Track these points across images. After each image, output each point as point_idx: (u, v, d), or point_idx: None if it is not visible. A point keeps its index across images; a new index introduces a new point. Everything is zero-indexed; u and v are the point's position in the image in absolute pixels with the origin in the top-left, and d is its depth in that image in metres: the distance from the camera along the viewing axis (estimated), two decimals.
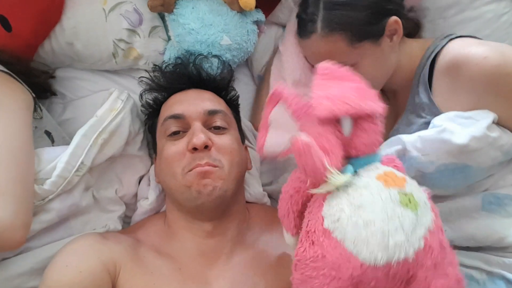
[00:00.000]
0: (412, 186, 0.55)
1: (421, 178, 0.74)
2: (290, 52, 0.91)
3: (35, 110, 0.79)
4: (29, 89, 0.79)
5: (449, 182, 0.74)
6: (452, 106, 0.77)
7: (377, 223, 0.50)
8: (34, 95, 0.80)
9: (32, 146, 0.72)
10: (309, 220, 0.57)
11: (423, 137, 0.74)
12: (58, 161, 0.73)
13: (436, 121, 0.75)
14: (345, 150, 0.56)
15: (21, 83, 0.77)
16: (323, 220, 0.54)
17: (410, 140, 0.75)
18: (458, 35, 0.82)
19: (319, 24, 0.79)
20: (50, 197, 0.71)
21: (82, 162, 0.74)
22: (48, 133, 0.84)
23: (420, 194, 0.55)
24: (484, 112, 0.74)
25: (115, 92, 0.84)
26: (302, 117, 0.61)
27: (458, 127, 0.72)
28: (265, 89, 0.96)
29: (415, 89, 0.85)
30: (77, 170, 0.73)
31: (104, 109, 0.80)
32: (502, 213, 0.77)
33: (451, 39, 0.81)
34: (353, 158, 0.58)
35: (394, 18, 0.82)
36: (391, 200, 0.52)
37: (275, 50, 0.98)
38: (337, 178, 0.52)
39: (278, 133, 0.62)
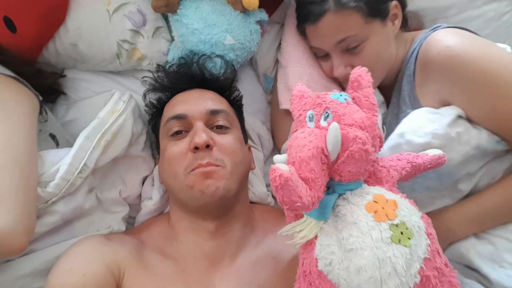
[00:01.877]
0: (404, 210, 0.54)
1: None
2: (293, 61, 0.91)
3: (40, 113, 0.79)
4: (36, 92, 0.79)
5: (424, 182, 0.74)
6: (427, 99, 0.78)
7: (369, 269, 0.49)
8: (41, 98, 0.80)
9: (36, 150, 0.72)
10: (304, 259, 0.57)
11: (388, 143, 0.74)
12: (61, 163, 0.73)
13: (404, 119, 0.76)
14: (329, 174, 0.55)
15: (28, 87, 0.77)
16: (317, 262, 0.54)
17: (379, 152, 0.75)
18: (446, 25, 0.83)
19: (332, 2, 0.80)
20: (54, 199, 0.71)
21: (85, 164, 0.74)
22: (52, 136, 0.84)
23: (413, 217, 0.54)
24: (451, 108, 0.74)
25: (117, 94, 0.84)
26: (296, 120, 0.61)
27: (417, 125, 0.73)
28: (274, 108, 0.96)
29: (400, 82, 0.86)
30: (80, 172, 0.73)
31: (106, 111, 0.80)
32: None
33: (435, 30, 0.82)
34: (336, 182, 0.56)
35: (395, 2, 0.84)
36: (382, 240, 0.50)
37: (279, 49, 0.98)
38: (304, 234, 0.53)
39: None
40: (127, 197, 0.84)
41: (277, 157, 0.55)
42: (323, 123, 0.57)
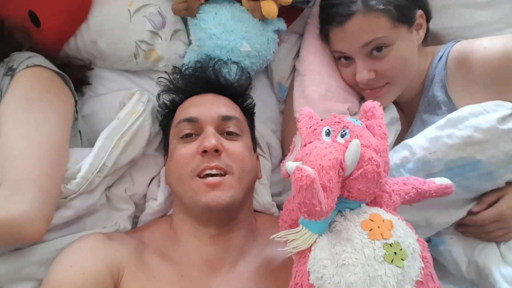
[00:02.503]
0: (399, 231, 0.54)
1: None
2: (312, 69, 0.90)
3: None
4: (74, 92, 0.82)
5: (462, 182, 0.73)
6: (469, 101, 0.76)
7: (359, 286, 0.50)
8: (77, 99, 0.83)
9: (68, 146, 0.76)
10: (296, 271, 0.57)
11: (427, 136, 0.74)
12: (83, 163, 0.75)
13: (447, 116, 0.75)
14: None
15: (69, 86, 0.81)
16: (309, 275, 0.54)
17: (416, 141, 0.75)
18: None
19: (360, 4, 0.80)
20: (72, 196, 0.73)
21: (104, 164, 0.76)
22: (80, 133, 0.86)
23: (408, 239, 0.54)
24: (499, 103, 0.73)
25: (137, 94, 0.85)
26: (307, 135, 0.61)
27: (460, 119, 0.72)
28: (287, 116, 0.96)
29: (427, 89, 0.86)
30: (99, 171, 0.75)
31: (126, 112, 0.81)
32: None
33: (459, 42, 0.83)
34: (340, 198, 0.57)
35: (420, 11, 0.84)
36: (375, 258, 0.51)
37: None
38: (297, 244, 0.54)
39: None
40: (132, 195, 0.85)
41: (290, 164, 0.55)
42: (340, 139, 0.58)
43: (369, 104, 0.65)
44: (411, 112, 0.92)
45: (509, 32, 0.94)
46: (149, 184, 0.87)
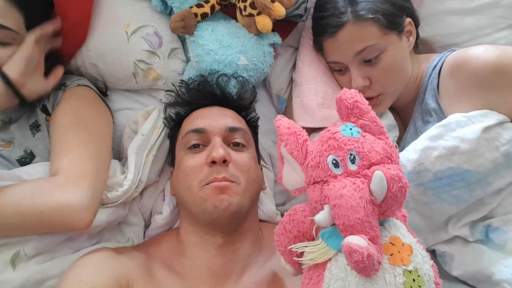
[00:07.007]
0: (418, 256, 0.53)
1: (424, 195, 0.75)
2: (308, 79, 0.92)
3: None
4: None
5: (452, 191, 0.74)
6: (459, 109, 0.78)
7: None
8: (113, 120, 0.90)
9: (110, 154, 0.82)
10: None
11: (416, 148, 0.75)
12: (124, 178, 0.79)
13: (435, 125, 0.76)
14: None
15: (107, 107, 0.89)
16: None
17: (405, 155, 0.76)
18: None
19: (350, 14, 0.82)
20: (109, 205, 0.77)
21: (140, 179, 0.80)
22: None
23: (425, 265, 0.53)
24: (486, 113, 0.74)
25: (156, 111, 0.89)
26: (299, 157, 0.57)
27: (449, 129, 0.73)
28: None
29: (421, 97, 0.87)
30: (136, 187, 0.80)
31: (149, 128, 0.85)
32: (489, 245, 0.75)
33: (453, 51, 0.85)
34: None
35: (409, 19, 0.87)
36: (395, 285, 0.50)
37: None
38: (314, 257, 0.53)
39: (291, 168, 0.60)
40: (140, 207, 0.86)
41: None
42: (352, 166, 0.54)
43: (348, 98, 0.57)
44: (407, 117, 0.93)
45: (497, 36, 0.97)
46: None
